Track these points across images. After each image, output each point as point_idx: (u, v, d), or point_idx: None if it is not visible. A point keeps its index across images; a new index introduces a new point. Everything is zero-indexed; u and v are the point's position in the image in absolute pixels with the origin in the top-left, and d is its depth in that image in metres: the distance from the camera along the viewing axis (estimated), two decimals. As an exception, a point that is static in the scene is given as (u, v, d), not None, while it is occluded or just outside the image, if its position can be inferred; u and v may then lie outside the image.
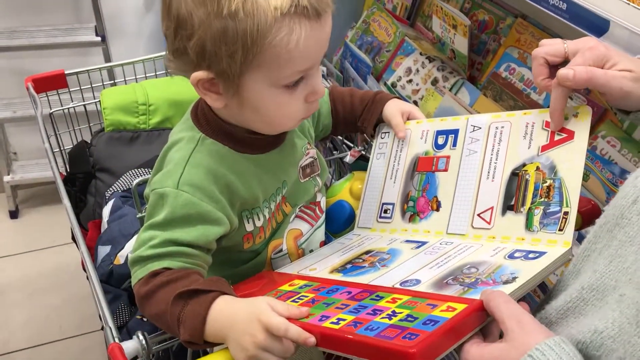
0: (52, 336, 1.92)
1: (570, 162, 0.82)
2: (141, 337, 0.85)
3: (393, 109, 1.06)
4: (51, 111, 1.47)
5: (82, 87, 1.53)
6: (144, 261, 0.81)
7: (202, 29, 0.76)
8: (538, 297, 1.22)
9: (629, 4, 0.96)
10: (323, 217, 1.04)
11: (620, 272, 0.66)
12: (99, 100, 1.50)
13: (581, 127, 0.83)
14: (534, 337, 0.63)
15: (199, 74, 0.80)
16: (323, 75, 1.56)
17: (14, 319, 1.98)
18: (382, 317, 0.68)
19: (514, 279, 0.72)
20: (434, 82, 1.57)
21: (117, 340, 0.85)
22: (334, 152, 1.37)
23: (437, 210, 0.94)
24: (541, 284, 1.21)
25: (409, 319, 0.66)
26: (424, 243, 0.90)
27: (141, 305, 0.81)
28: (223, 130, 0.88)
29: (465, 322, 0.66)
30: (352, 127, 1.13)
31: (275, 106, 0.82)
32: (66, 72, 1.49)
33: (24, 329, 1.95)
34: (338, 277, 0.85)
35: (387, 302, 0.72)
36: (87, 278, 1.07)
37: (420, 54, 1.64)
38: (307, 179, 0.99)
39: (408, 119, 1.05)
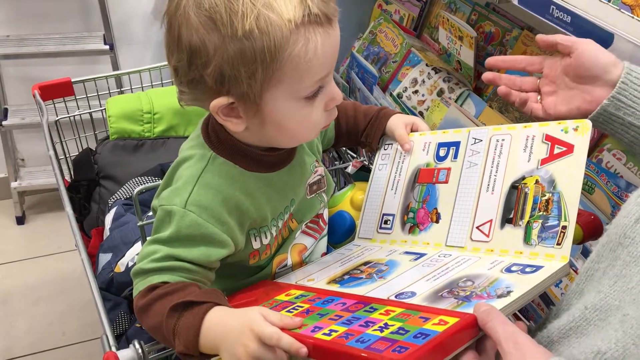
0: (55, 342, 1.92)
1: (570, 176, 0.81)
2: (137, 346, 0.85)
3: (397, 121, 1.06)
4: (57, 118, 1.48)
5: (88, 95, 1.54)
6: (145, 274, 0.81)
7: (219, 54, 0.74)
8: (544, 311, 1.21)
9: (633, 17, 0.95)
10: (326, 228, 1.04)
11: (625, 293, 0.65)
12: (105, 108, 1.51)
13: (581, 141, 0.82)
14: (532, 358, 0.62)
15: (219, 101, 0.78)
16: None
17: (18, 325, 1.99)
18: (374, 330, 0.67)
19: (509, 293, 0.71)
20: (440, 93, 1.57)
21: (113, 348, 0.85)
22: (336, 162, 1.37)
23: (437, 222, 0.93)
24: (547, 300, 1.20)
25: (400, 331, 0.66)
26: (422, 255, 0.89)
27: (139, 318, 0.81)
28: (235, 148, 0.86)
29: (456, 336, 0.65)
30: (353, 141, 1.12)
31: (298, 119, 0.81)
32: (73, 80, 1.50)
33: (28, 335, 1.95)
34: (335, 287, 0.84)
35: (381, 314, 0.71)
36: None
37: (427, 65, 1.64)
38: (313, 195, 0.99)
39: (412, 130, 1.05)
